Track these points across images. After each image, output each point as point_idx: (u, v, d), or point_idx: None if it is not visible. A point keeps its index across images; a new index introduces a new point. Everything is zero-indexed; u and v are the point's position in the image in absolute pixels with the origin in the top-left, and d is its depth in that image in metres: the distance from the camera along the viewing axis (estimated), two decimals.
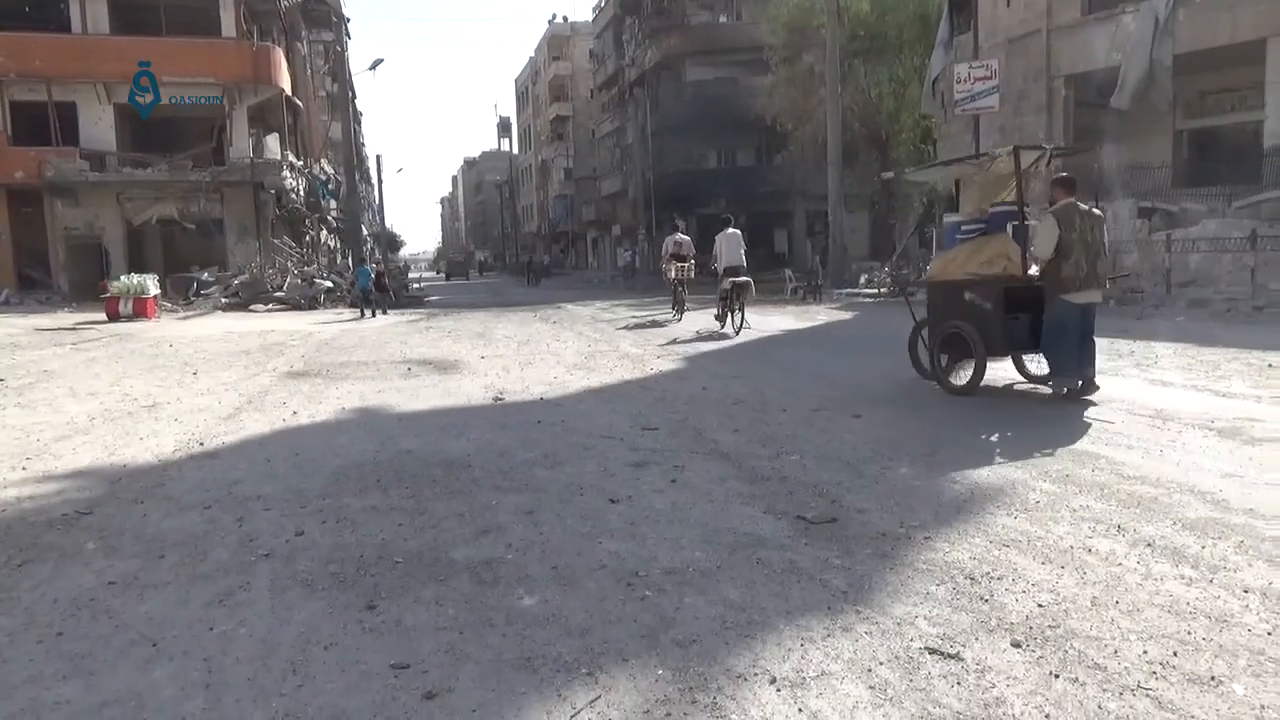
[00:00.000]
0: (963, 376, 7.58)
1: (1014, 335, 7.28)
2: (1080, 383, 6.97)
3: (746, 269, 14.67)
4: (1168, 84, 18.61)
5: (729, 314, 14.28)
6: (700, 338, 13.63)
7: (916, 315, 8.42)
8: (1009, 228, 7.53)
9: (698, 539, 3.96)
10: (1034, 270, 7.12)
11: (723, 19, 46.50)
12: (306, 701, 2.62)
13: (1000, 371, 8.05)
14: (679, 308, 17.28)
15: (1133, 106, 19.08)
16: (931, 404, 7.19)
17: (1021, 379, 7.90)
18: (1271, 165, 17.37)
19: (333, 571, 3.70)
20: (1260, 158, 17.77)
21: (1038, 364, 7.61)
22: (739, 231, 15.28)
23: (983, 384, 7.46)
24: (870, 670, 2.69)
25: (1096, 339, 7.13)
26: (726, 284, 14.18)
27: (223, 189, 27.75)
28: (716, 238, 15.07)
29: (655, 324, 16.54)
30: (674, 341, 13.21)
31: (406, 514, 4.49)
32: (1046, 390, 7.36)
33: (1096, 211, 7.02)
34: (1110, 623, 2.96)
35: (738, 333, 13.80)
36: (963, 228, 8.28)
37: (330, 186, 38.13)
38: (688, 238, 17.72)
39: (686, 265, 16.96)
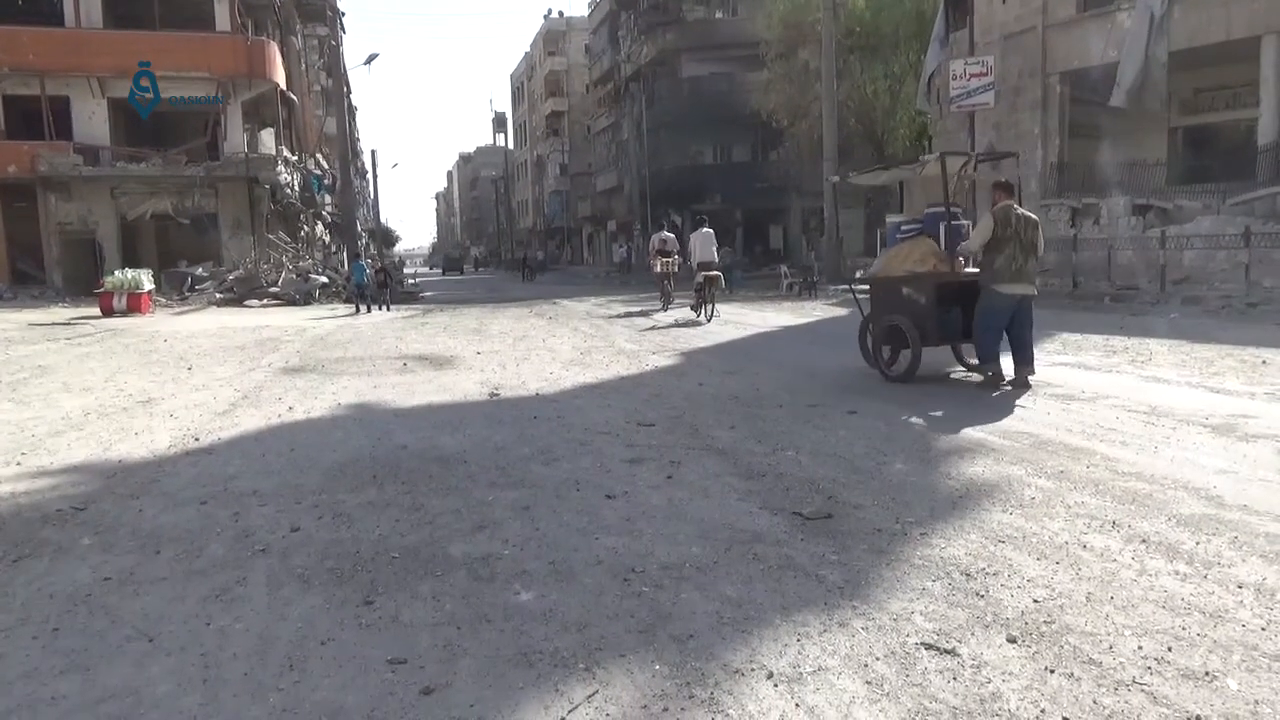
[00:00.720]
0: (903, 365, 8.14)
1: (947, 326, 7.92)
2: (1014, 370, 7.52)
3: (718, 264, 16.68)
4: (1163, 81, 18.65)
5: (702, 304, 15.89)
6: (679, 325, 14.93)
7: (864, 310, 9.00)
8: (940, 226, 8.24)
9: (694, 535, 3.97)
10: (969, 266, 7.79)
11: (719, 15, 46.43)
12: (304, 697, 2.62)
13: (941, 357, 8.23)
14: (666, 300, 18.57)
15: (1128, 104, 19.12)
16: (926, 400, 7.20)
17: (960, 367, 8.55)
18: (1265, 162, 17.43)
19: (329, 567, 3.70)
20: (1254, 155, 17.84)
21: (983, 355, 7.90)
22: (711, 231, 16.99)
23: (950, 379, 7.96)
24: (867, 665, 2.70)
25: (1093, 336, 7.19)
26: (700, 278, 15.89)
27: (217, 184, 27.66)
28: (691, 236, 16.89)
29: (645, 315, 17.38)
30: (656, 328, 13.26)
31: (403, 509, 4.49)
32: (977, 377, 7.94)
33: (1033, 216, 7.62)
34: (1105, 618, 2.97)
35: (709, 320, 15.31)
36: (902, 227, 9.05)
37: (326, 182, 38.03)
38: (673, 235, 19.27)
39: (671, 260, 18.32)
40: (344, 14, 41.26)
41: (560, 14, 70.71)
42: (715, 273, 15.98)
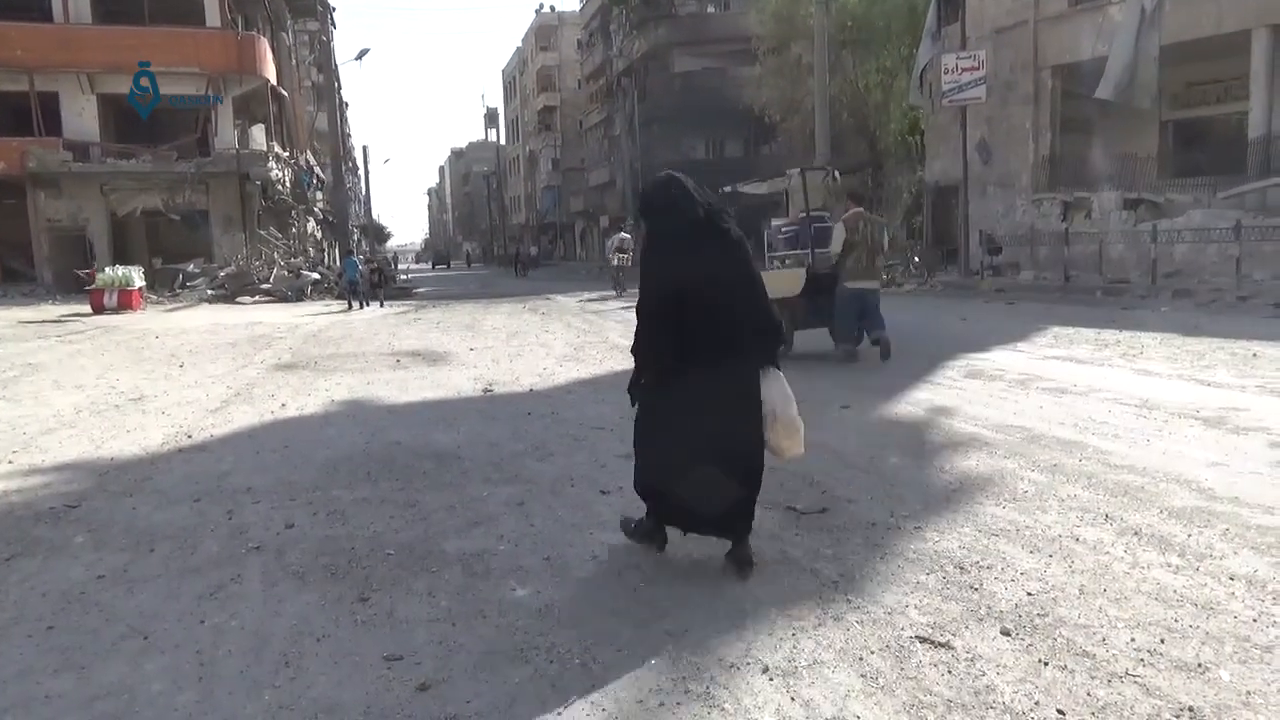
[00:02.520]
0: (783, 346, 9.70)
1: (814, 315, 9.42)
2: (873, 343, 9.07)
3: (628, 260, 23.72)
4: (1154, 75, 18.68)
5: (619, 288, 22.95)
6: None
7: None
8: (811, 228, 9.88)
9: None
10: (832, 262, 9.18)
11: (710, 9, 46.41)
12: (299, 694, 2.62)
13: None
14: (619, 288, 23.73)
15: (1118, 97, 19.16)
16: (916, 394, 7.22)
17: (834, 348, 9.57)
18: (1256, 156, 17.48)
19: (324, 564, 3.69)
20: (1245, 148, 17.88)
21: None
22: (629, 235, 25.94)
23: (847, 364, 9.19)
24: (862, 659, 2.71)
25: (1084, 330, 7.26)
26: (614, 261, 24.95)
27: (208, 180, 27.51)
28: (616, 238, 26.15)
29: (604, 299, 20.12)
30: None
31: (397, 506, 4.49)
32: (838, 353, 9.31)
33: (879, 219, 9.03)
34: (1098, 610, 2.99)
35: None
36: (782, 229, 10.73)
37: (312, 180, 37.84)
38: (629, 236, 26.32)
39: (627, 256, 24.62)
40: (335, 9, 41.06)
41: (552, 9, 70.58)
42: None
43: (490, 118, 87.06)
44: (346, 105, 55.30)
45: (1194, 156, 20.84)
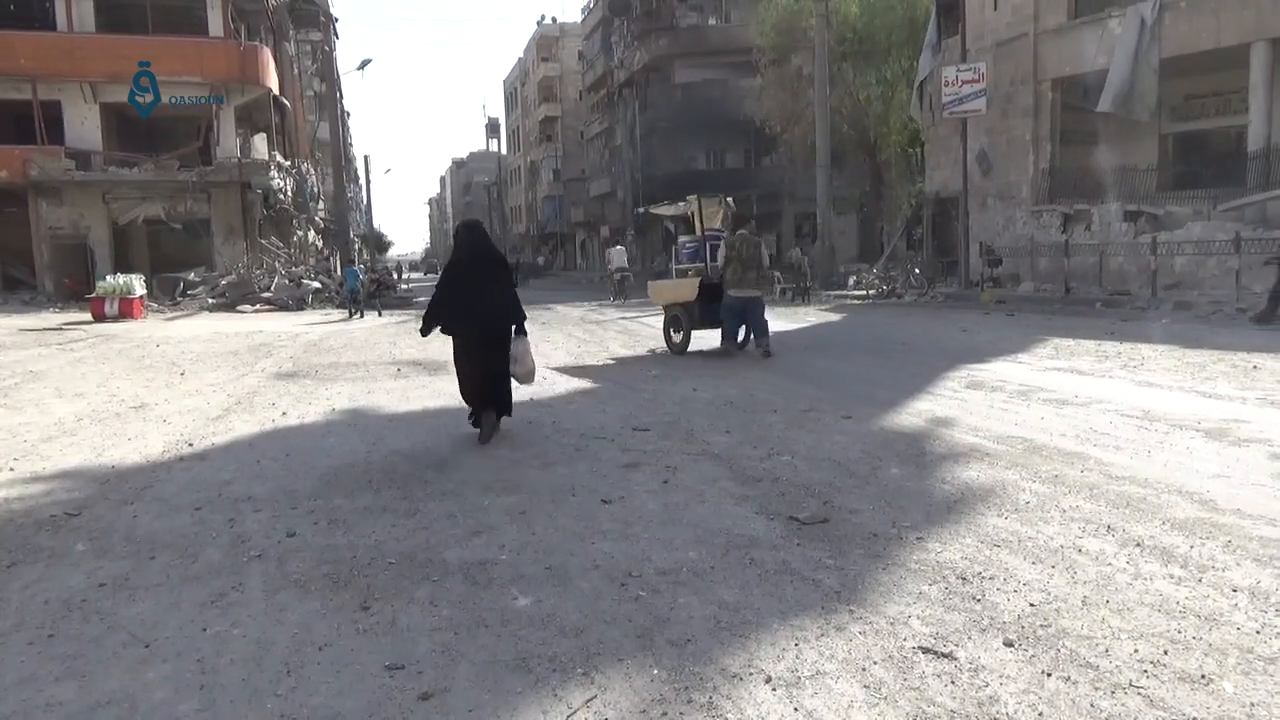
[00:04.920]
0: (679, 343, 11.60)
1: (706, 318, 11.24)
2: (746, 348, 11.02)
3: (627, 269, 27.41)
4: (1153, 88, 18.75)
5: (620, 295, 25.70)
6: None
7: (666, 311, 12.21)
8: (708, 245, 11.59)
9: (691, 539, 3.97)
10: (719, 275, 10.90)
11: (712, 21, 46.52)
12: (301, 703, 2.61)
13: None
14: (618, 295, 26.00)
15: (1118, 110, 19.22)
16: (917, 404, 7.22)
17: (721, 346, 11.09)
18: (1255, 169, 17.51)
19: (325, 572, 3.69)
20: (1244, 161, 17.92)
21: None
22: (623, 247, 29.77)
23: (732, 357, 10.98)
24: (865, 669, 2.71)
25: (1085, 342, 7.18)
26: (617, 276, 26.59)
27: (209, 189, 27.57)
28: (610, 251, 29.44)
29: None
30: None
31: (398, 515, 4.49)
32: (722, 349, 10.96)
33: (755, 239, 10.78)
34: (1101, 622, 2.98)
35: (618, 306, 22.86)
36: (686, 244, 12.51)
37: (312, 190, 37.89)
38: (623, 248, 30.26)
39: (627, 269, 27.43)
40: (337, 19, 41.25)
41: (554, 20, 70.84)
42: (628, 273, 27.07)
43: (492, 128, 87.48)
44: (348, 115, 55.51)
45: (1194, 169, 20.89)
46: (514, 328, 6.42)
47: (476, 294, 6.28)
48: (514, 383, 6.55)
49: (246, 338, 15.59)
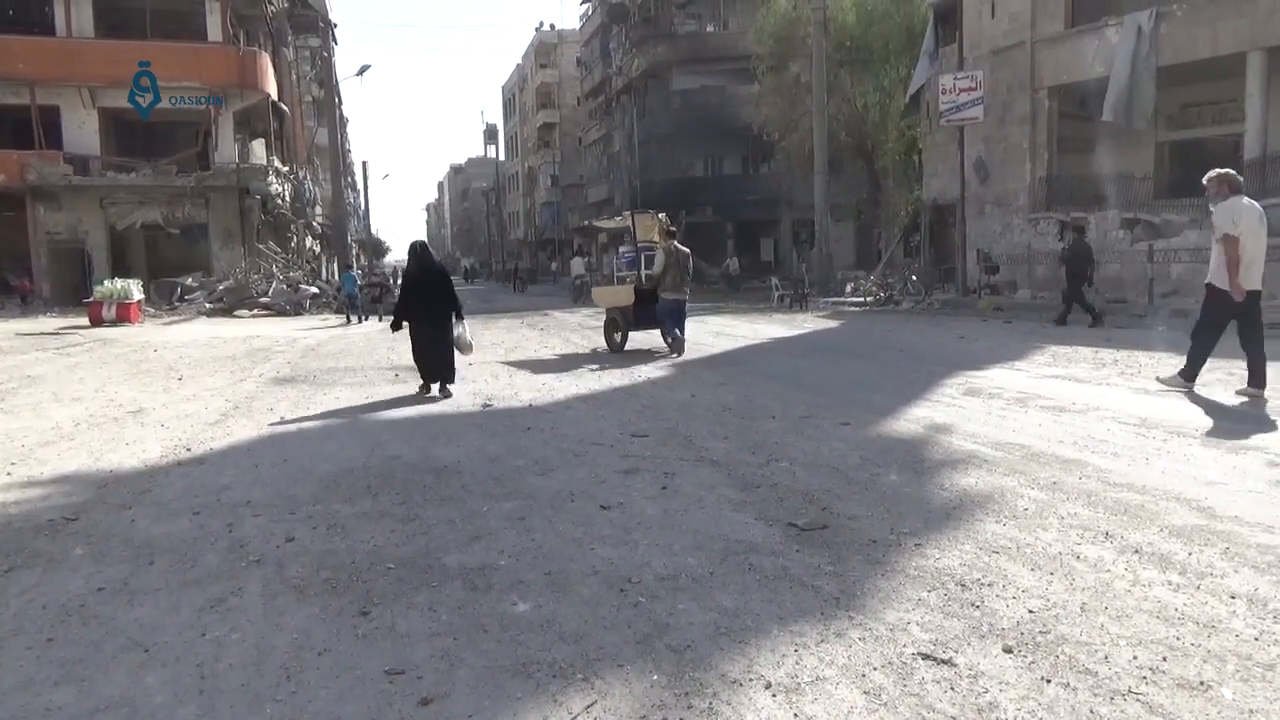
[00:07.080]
0: (618, 342, 12.85)
1: (642, 318, 12.52)
2: (673, 343, 12.08)
3: (589, 279, 28.61)
4: (1150, 96, 18.83)
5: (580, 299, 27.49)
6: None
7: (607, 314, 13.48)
8: (642, 256, 13.86)
9: (690, 545, 3.97)
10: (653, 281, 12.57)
11: (710, 28, 46.69)
12: (301, 708, 2.61)
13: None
14: (578, 300, 27.60)
15: (1115, 118, 19.29)
16: (915, 411, 7.24)
17: (662, 344, 12.40)
18: (1251, 177, 17.56)
19: (325, 577, 3.69)
20: (1240, 170, 17.97)
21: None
22: (582, 259, 34.27)
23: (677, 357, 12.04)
24: (864, 675, 2.71)
25: (1082, 349, 7.19)
26: (577, 283, 29.76)
27: (207, 194, 27.59)
28: (572, 261, 31.34)
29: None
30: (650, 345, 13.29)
31: (397, 520, 4.48)
32: (666, 348, 12.24)
33: (684, 249, 12.23)
34: (1100, 628, 2.99)
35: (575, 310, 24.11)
36: (624, 254, 14.67)
37: (308, 196, 37.88)
38: (581, 259, 34.15)
39: (585, 276, 30.11)
40: (336, 25, 41.32)
41: (552, 27, 71.04)
42: (586, 280, 29.01)
43: (490, 134, 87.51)
44: (347, 121, 55.54)
45: (1190, 177, 20.89)
46: (454, 314, 8.96)
47: (425, 294, 8.93)
48: (457, 355, 9.00)
49: (244, 343, 15.58)
